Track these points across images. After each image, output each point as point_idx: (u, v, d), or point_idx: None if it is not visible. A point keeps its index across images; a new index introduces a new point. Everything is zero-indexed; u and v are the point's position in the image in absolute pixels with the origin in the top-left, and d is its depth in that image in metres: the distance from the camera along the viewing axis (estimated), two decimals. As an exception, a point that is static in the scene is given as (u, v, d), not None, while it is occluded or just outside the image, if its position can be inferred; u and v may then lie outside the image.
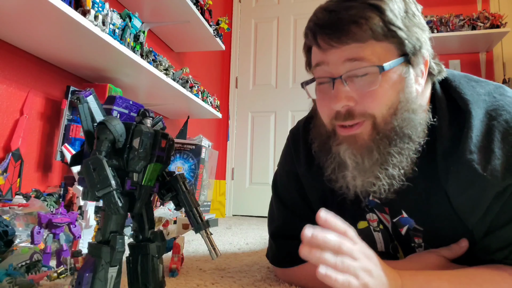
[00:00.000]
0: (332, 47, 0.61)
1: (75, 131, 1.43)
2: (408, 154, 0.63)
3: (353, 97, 0.61)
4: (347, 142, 0.64)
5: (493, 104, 0.64)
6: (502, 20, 2.58)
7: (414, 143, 0.63)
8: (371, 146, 0.62)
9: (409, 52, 0.62)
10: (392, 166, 0.62)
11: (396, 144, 0.62)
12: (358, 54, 0.60)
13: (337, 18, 0.60)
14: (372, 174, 0.63)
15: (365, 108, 0.61)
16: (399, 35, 0.60)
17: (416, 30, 0.62)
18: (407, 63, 0.62)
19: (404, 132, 0.62)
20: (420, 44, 0.62)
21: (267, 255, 0.90)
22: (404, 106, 0.62)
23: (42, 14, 1.10)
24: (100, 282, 0.46)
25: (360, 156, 0.63)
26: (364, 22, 0.59)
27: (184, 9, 2.01)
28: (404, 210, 0.72)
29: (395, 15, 0.60)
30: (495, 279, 0.59)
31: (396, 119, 0.62)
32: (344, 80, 0.61)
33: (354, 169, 0.63)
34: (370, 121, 0.62)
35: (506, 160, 0.58)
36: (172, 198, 0.56)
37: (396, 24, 0.59)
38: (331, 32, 0.61)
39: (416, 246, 0.73)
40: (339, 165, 0.65)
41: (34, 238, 0.83)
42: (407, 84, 0.62)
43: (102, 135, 0.49)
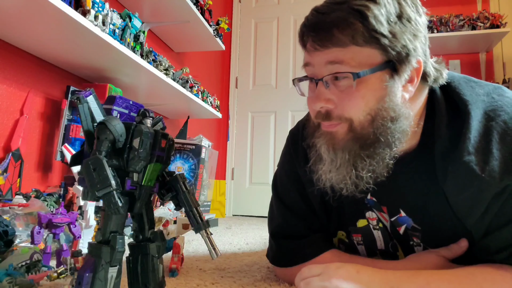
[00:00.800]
0: (315, 50, 0.62)
1: (75, 131, 1.43)
2: (381, 158, 0.63)
3: (332, 100, 0.63)
4: (325, 137, 0.66)
5: (492, 105, 0.64)
6: (502, 20, 2.58)
7: (391, 149, 0.63)
8: (345, 146, 0.64)
9: (393, 59, 0.61)
10: (360, 168, 0.63)
11: (368, 149, 0.63)
12: (339, 57, 0.60)
13: (322, 21, 0.61)
14: (341, 172, 0.64)
15: (342, 111, 0.62)
16: (381, 42, 0.59)
17: (406, 37, 0.61)
18: (391, 70, 0.61)
19: (380, 139, 0.62)
20: (408, 52, 0.61)
21: (267, 255, 0.90)
22: (383, 113, 0.62)
23: (42, 14, 1.10)
24: (100, 282, 0.46)
25: (333, 153, 0.64)
26: (345, 27, 0.59)
27: (184, 9, 2.01)
28: (402, 209, 0.72)
29: (380, 21, 0.59)
30: (495, 278, 0.59)
31: (373, 126, 0.62)
32: (325, 82, 0.62)
33: (329, 164, 0.65)
34: (347, 124, 0.63)
35: (504, 161, 0.59)
36: (172, 198, 0.56)
37: (379, 31, 0.59)
38: (315, 35, 0.62)
39: (415, 244, 0.73)
40: (318, 157, 0.67)
41: (34, 238, 0.83)
42: (388, 92, 0.62)
43: (102, 135, 0.49)
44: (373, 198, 0.74)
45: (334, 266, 0.61)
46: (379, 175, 0.64)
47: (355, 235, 0.80)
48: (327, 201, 0.79)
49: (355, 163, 0.63)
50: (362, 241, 0.79)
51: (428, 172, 0.67)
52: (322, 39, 0.61)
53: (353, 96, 0.61)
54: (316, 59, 0.63)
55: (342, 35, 0.59)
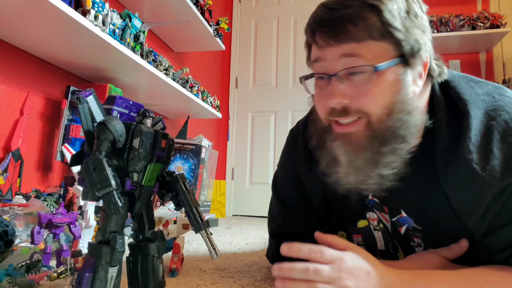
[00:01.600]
0: (329, 45, 0.62)
1: (75, 131, 1.43)
2: (400, 154, 0.63)
3: (348, 95, 0.62)
4: (342, 139, 0.64)
5: (493, 105, 0.64)
6: (502, 20, 2.58)
7: (408, 144, 0.63)
8: (364, 145, 0.63)
9: (406, 53, 0.61)
10: (384, 165, 0.62)
11: (390, 144, 0.62)
12: (355, 51, 0.60)
13: (335, 16, 0.60)
14: (364, 173, 0.63)
15: (360, 106, 0.62)
16: (396, 36, 0.60)
17: (416, 31, 0.62)
18: (404, 64, 0.62)
19: (398, 133, 0.62)
20: (419, 46, 0.62)
21: (267, 255, 0.90)
22: (400, 107, 0.62)
23: (42, 14, 1.10)
24: (100, 282, 0.46)
25: (353, 154, 0.63)
26: (361, 22, 0.59)
27: (184, 9, 2.01)
28: (403, 209, 0.72)
29: (393, 16, 0.60)
30: (496, 280, 0.59)
31: (391, 120, 0.62)
32: (340, 78, 0.61)
33: (347, 166, 0.64)
34: (365, 119, 0.62)
35: (504, 160, 0.58)
36: (172, 198, 0.56)
37: (394, 25, 0.59)
38: (328, 30, 0.61)
39: (416, 245, 0.73)
40: (332, 160, 0.66)
41: (34, 238, 0.83)
42: (403, 86, 0.62)
43: (102, 135, 0.49)
44: (374, 198, 0.74)
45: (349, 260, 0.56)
46: (398, 172, 0.63)
47: (355, 235, 0.79)
48: (327, 201, 0.79)
49: (376, 161, 0.62)
50: (362, 242, 0.79)
51: (428, 171, 0.66)
52: (337, 34, 0.60)
53: (371, 90, 0.61)
54: (329, 54, 0.62)
55: (358, 30, 0.59)
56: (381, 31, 0.59)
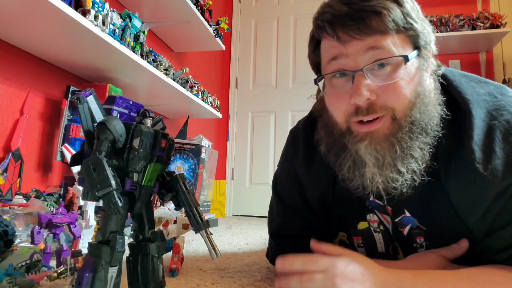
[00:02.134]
0: (353, 39, 0.60)
1: (75, 131, 1.43)
2: (427, 148, 0.62)
3: (375, 90, 0.60)
4: (367, 138, 0.62)
5: (494, 104, 0.64)
6: (502, 20, 2.58)
7: (429, 137, 0.63)
8: (392, 141, 0.61)
9: (421, 46, 0.63)
10: (414, 160, 0.61)
11: (418, 138, 0.61)
12: (380, 43, 0.60)
13: (357, 9, 0.60)
14: (395, 169, 0.61)
15: (386, 101, 0.60)
16: (415, 28, 0.61)
17: (425, 24, 0.64)
18: (421, 55, 0.63)
19: (423, 126, 0.62)
20: (431, 38, 0.64)
21: (267, 255, 0.90)
22: (422, 99, 0.62)
23: (42, 14, 1.10)
24: (100, 282, 0.46)
25: (382, 152, 0.61)
26: (386, 13, 0.59)
27: (184, 9, 2.01)
28: (406, 209, 0.71)
29: (412, 8, 0.61)
30: (498, 280, 0.59)
31: (415, 113, 0.61)
32: (365, 72, 0.60)
33: (374, 166, 0.62)
34: (390, 115, 0.61)
35: (507, 160, 0.58)
36: (172, 198, 0.56)
37: (413, 17, 0.61)
38: (352, 23, 0.60)
39: (418, 246, 0.72)
40: (355, 163, 0.64)
41: (34, 238, 0.83)
42: (422, 77, 0.63)
43: (102, 135, 0.49)
44: (376, 200, 0.74)
45: (342, 264, 0.56)
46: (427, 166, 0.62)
47: (356, 237, 0.79)
48: (326, 201, 0.79)
49: (406, 156, 0.61)
50: (362, 244, 0.79)
51: (431, 170, 0.66)
52: (361, 27, 0.59)
53: (397, 83, 0.60)
54: (353, 48, 0.61)
55: (382, 22, 0.59)
56: (403, 23, 0.60)
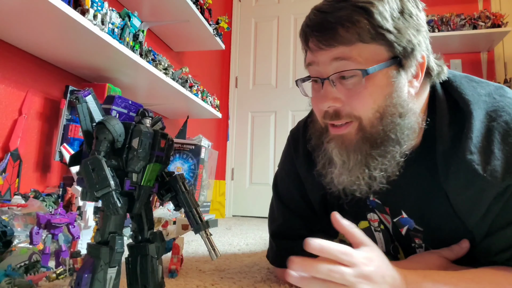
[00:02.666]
0: (320, 49, 0.62)
1: (74, 131, 1.42)
2: (392, 157, 0.63)
3: (340, 98, 0.62)
4: (335, 141, 0.65)
5: (493, 105, 0.64)
6: (503, 20, 2.57)
7: (401, 147, 0.63)
8: (356, 147, 0.63)
9: (399, 54, 0.61)
10: (373, 168, 0.63)
11: (379, 147, 0.62)
12: (345, 54, 0.60)
13: (326, 20, 0.61)
14: (354, 174, 0.64)
15: (351, 110, 0.62)
16: (387, 38, 0.59)
17: (410, 32, 0.61)
18: (397, 66, 0.62)
19: (390, 136, 0.62)
20: (413, 47, 0.61)
21: (267, 255, 0.89)
22: (391, 110, 0.62)
23: (41, 14, 1.10)
24: (99, 283, 0.46)
25: (346, 155, 0.64)
26: (350, 25, 0.59)
27: (183, 8, 2.01)
28: (403, 210, 0.71)
29: (385, 17, 0.59)
30: (499, 280, 0.59)
31: (382, 123, 0.62)
32: (331, 81, 0.62)
33: (341, 167, 0.65)
34: (356, 123, 0.63)
35: (506, 161, 0.58)
36: (171, 198, 0.55)
37: (385, 27, 0.59)
38: (319, 34, 0.61)
39: (417, 246, 0.73)
40: (329, 161, 0.67)
41: (33, 238, 0.83)
42: (395, 88, 0.62)
43: (101, 135, 0.48)
44: (375, 199, 0.74)
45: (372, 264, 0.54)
46: (391, 174, 0.64)
47: None
48: (327, 201, 0.79)
49: (367, 163, 0.63)
50: None
51: (429, 172, 0.66)
52: (327, 38, 0.60)
53: (361, 93, 0.61)
54: (321, 58, 0.63)
55: (348, 33, 0.59)
56: (371, 34, 0.59)
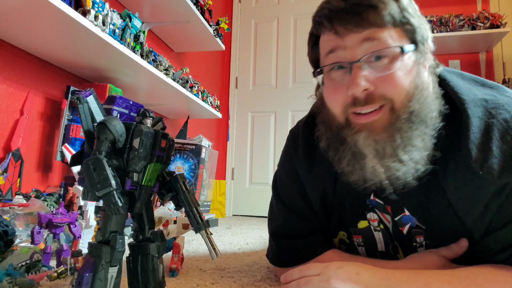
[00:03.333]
0: (350, 32, 0.62)
1: (75, 131, 1.43)
2: (428, 138, 0.63)
3: (372, 81, 0.61)
4: (366, 129, 0.63)
5: (493, 103, 0.64)
6: (502, 20, 2.57)
7: (430, 128, 0.63)
8: (391, 131, 0.61)
9: (418, 40, 0.64)
10: (416, 149, 0.61)
11: (417, 128, 0.62)
12: (376, 34, 0.61)
13: (354, 3, 0.61)
14: (397, 159, 0.61)
15: (384, 92, 0.61)
16: (412, 22, 0.62)
17: (422, 21, 0.65)
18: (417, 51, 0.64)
19: (422, 117, 0.62)
20: (428, 34, 0.65)
21: (267, 255, 0.90)
22: (420, 91, 0.63)
23: (42, 15, 1.10)
24: (100, 282, 0.46)
25: (381, 143, 0.62)
26: (382, 7, 0.60)
27: (184, 9, 2.01)
28: (406, 207, 0.71)
29: (408, 4, 0.63)
30: (496, 279, 0.58)
31: (414, 103, 0.62)
32: (362, 64, 0.61)
33: (374, 158, 0.62)
34: (388, 106, 0.62)
35: (503, 159, 0.58)
36: (172, 198, 0.56)
37: (409, 12, 0.62)
38: (349, 17, 0.61)
39: (418, 245, 0.72)
40: (354, 156, 0.64)
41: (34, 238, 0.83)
42: (419, 71, 0.64)
43: (102, 135, 0.49)
44: (376, 198, 0.74)
45: (334, 267, 0.60)
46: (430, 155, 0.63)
47: (356, 236, 0.79)
48: (327, 201, 0.79)
49: (407, 145, 0.61)
50: (362, 243, 0.79)
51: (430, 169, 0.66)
52: (357, 20, 0.61)
53: (394, 74, 0.61)
54: (349, 41, 0.62)
55: (378, 15, 0.60)
56: (400, 17, 0.61)
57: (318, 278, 0.59)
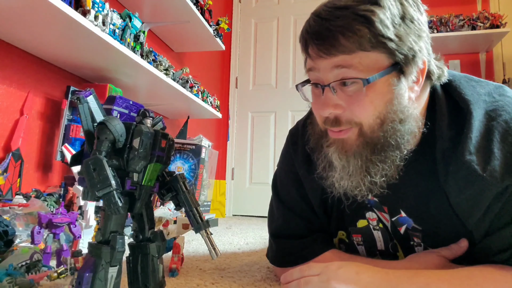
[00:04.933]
0: (321, 58, 0.62)
1: (75, 131, 1.43)
2: (392, 161, 0.64)
3: (341, 105, 0.62)
4: (336, 145, 0.65)
5: (493, 105, 0.64)
6: (502, 20, 2.58)
7: (401, 152, 0.64)
8: (356, 152, 0.64)
9: (400, 62, 0.61)
10: (373, 173, 0.63)
11: (380, 153, 0.63)
12: (346, 62, 0.60)
13: (326, 28, 0.60)
14: (355, 179, 0.64)
15: (352, 116, 0.62)
16: (388, 46, 0.59)
17: (411, 38, 0.61)
18: (398, 72, 0.61)
19: (390, 142, 0.63)
20: (414, 53, 0.61)
21: (267, 255, 0.90)
22: (392, 116, 0.62)
23: (42, 14, 1.10)
24: (100, 282, 0.46)
25: (346, 160, 0.64)
26: (351, 34, 0.58)
27: (184, 9, 2.01)
28: (402, 209, 0.72)
29: (386, 25, 0.58)
30: (496, 278, 0.59)
31: (383, 129, 0.62)
32: (332, 88, 0.62)
33: (341, 171, 0.65)
34: (357, 128, 0.63)
35: (505, 161, 0.58)
36: (172, 198, 0.56)
37: (386, 35, 0.58)
38: (319, 43, 0.61)
39: (415, 245, 0.73)
40: (329, 164, 0.67)
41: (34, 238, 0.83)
42: (396, 95, 0.62)
43: (102, 135, 0.49)
44: (374, 198, 0.74)
45: (334, 267, 0.60)
46: (391, 178, 0.65)
47: (355, 235, 0.80)
48: (326, 201, 0.79)
49: (367, 168, 0.63)
50: (362, 242, 0.79)
51: (429, 172, 0.66)
52: (328, 46, 0.60)
53: (362, 101, 0.61)
54: (321, 65, 0.62)
55: (349, 42, 0.58)
56: (372, 42, 0.58)
57: (318, 278, 0.59)
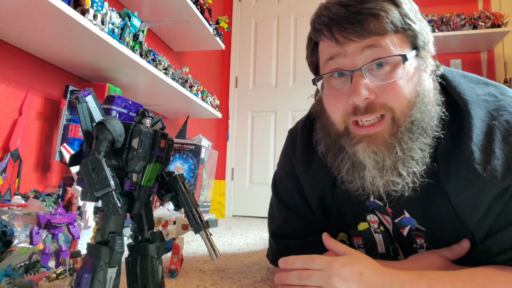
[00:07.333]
0: (351, 41, 0.60)
1: (74, 131, 1.42)
2: (427, 149, 0.62)
3: (373, 90, 0.60)
4: (366, 141, 0.62)
5: (494, 104, 0.64)
6: (503, 20, 2.57)
7: (430, 138, 0.62)
8: (392, 143, 0.61)
9: (420, 46, 0.63)
10: (414, 162, 0.61)
11: (418, 139, 0.61)
12: (378, 41, 0.60)
13: (355, 11, 0.60)
14: (395, 172, 0.61)
15: (385, 101, 0.60)
16: (413, 28, 0.61)
17: (423, 24, 0.64)
18: (418, 56, 0.63)
19: (423, 126, 0.62)
20: (429, 38, 0.65)
21: (267, 255, 0.89)
22: (422, 98, 0.62)
23: (41, 13, 1.10)
24: (99, 283, 0.46)
25: (381, 155, 0.61)
26: (384, 14, 0.59)
27: (183, 8, 2.00)
28: (406, 210, 0.71)
29: (409, 9, 0.62)
30: (498, 280, 0.58)
31: (415, 112, 0.61)
32: (363, 72, 0.60)
33: (374, 169, 0.62)
34: (389, 116, 0.61)
35: (506, 160, 0.58)
36: (171, 198, 0.55)
37: (411, 17, 0.61)
38: (350, 26, 0.60)
39: (418, 247, 0.72)
40: (354, 165, 0.64)
41: (33, 238, 0.83)
42: (420, 78, 0.63)
43: (101, 135, 0.48)
44: (376, 200, 0.73)
45: (338, 264, 0.58)
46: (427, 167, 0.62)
47: (356, 238, 0.79)
48: (325, 202, 0.78)
49: (407, 158, 0.60)
50: (362, 245, 0.79)
51: (430, 171, 0.66)
52: (358, 29, 0.59)
53: (395, 83, 0.60)
54: (350, 49, 0.61)
55: (379, 23, 0.59)
56: (401, 23, 0.60)
57: (320, 274, 0.57)
